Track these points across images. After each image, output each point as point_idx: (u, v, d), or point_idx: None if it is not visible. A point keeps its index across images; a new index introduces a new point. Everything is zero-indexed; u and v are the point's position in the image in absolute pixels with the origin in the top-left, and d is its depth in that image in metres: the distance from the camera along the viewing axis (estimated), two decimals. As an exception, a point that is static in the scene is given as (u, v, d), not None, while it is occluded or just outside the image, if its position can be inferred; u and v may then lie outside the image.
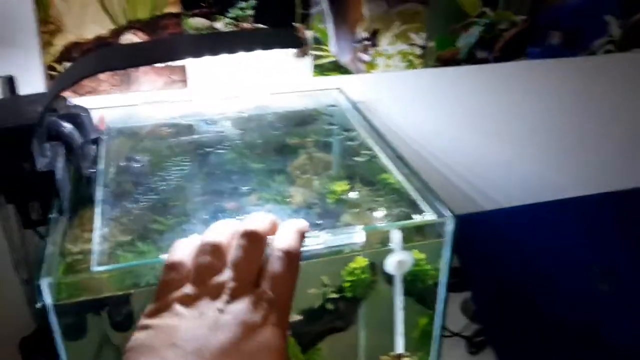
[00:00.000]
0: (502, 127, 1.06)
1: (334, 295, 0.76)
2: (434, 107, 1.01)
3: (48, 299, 0.50)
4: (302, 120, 0.88)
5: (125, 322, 0.80)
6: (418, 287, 0.69)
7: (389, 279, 0.74)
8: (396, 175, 0.72)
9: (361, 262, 0.77)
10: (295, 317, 0.74)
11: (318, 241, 0.57)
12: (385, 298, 0.66)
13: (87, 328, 0.76)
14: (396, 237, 0.58)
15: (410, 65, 0.97)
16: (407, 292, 0.70)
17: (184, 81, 0.88)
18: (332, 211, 0.68)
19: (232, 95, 0.90)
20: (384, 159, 0.76)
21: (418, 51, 0.96)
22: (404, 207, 0.66)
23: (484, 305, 0.94)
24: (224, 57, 0.63)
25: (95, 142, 0.72)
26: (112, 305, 0.77)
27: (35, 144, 0.58)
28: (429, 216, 0.62)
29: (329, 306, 0.76)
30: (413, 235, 0.60)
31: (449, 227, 0.59)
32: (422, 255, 0.66)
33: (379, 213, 0.66)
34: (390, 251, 0.59)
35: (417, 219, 0.62)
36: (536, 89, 1.05)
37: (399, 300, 0.63)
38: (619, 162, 1.17)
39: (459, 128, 1.04)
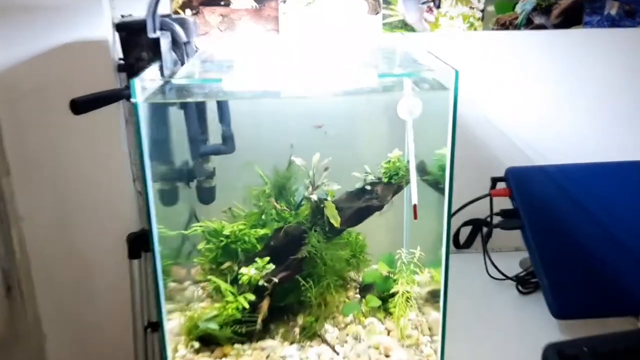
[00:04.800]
0: (557, 90, 1.15)
1: (373, 179, 0.89)
2: (492, 65, 1.13)
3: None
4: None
5: (209, 196, 0.98)
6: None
7: (422, 168, 0.85)
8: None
9: (397, 154, 0.90)
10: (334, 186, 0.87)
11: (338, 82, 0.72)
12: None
13: (178, 197, 0.95)
14: (407, 84, 0.71)
15: (471, 27, 1.11)
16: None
17: (276, 30, 1.09)
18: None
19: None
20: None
21: (478, 14, 1.10)
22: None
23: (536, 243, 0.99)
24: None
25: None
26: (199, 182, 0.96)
27: (149, 23, 0.81)
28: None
29: (368, 187, 0.89)
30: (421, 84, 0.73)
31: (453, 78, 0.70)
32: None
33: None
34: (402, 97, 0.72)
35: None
36: (593, 55, 1.13)
37: (411, 147, 0.74)
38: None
39: (515, 89, 1.14)
